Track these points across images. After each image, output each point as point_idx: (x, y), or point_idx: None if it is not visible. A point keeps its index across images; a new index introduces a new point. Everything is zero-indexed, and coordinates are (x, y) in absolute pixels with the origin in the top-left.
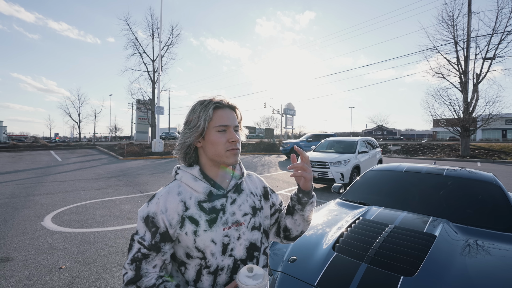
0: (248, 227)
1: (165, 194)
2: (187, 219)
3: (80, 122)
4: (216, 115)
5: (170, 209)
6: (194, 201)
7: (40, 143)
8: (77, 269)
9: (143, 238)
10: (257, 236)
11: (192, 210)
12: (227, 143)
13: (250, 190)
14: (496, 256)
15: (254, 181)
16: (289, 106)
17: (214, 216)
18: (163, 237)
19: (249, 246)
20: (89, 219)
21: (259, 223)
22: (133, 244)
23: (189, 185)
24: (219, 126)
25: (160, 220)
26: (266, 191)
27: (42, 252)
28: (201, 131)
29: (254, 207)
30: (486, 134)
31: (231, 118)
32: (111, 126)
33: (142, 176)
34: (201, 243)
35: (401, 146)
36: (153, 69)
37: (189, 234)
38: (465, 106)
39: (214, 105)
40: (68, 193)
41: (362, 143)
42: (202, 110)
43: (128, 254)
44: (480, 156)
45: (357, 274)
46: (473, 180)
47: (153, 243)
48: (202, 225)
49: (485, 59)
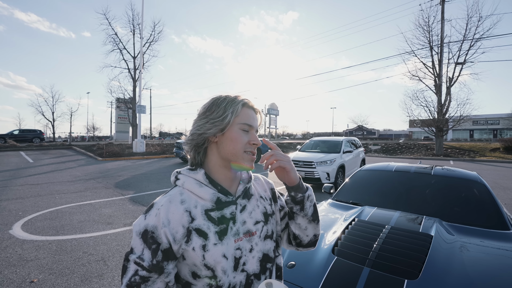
0: (261, 237)
1: (166, 203)
2: (194, 232)
3: (54, 121)
4: (244, 112)
5: (173, 221)
6: (200, 210)
7: (8, 143)
8: (51, 282)
9: (141, 257)
10: (270, 245)
11: (199, 221)
12: (247, 144)
13: (259, 194)
14: (491, 254)
15: (261, 183)
16: (272, 106)
17: (224, 227)
18: (165, 255)
19: (262, 258)
20: (65, 225)
21: (272, 231)
22: (128, 265)
23: (194, 192)
24: (244, 124)
25: (162, 235)
26: (274, 193)
27: (10, 264)
28: (226, 124)
29: (266, 213)
30: (456, 134)
31: (256, 121)
32: (89, 126)
33: (123, 177)
34: (211, 260)
35: (381, 146)
36: (134, 66)
37: (197, 250)
38: (439, 108)
39: (243, 102)
40: (41, 197)
41: (346, 143)
42: (230, 104)
43: (123, 278)
44: (452, 155)
45: (360, 278)
46: (460, 179)
47: (154, 262)
48: (211, 238)
49: (456, 64)
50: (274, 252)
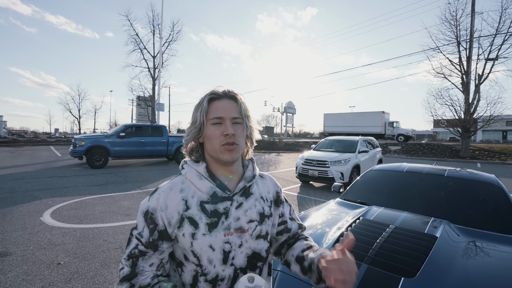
0: (253, 235)
1: (167, 190)
2: (187, 220)
3: (80, 117)
4: (211, 107)
5: (170, 207)
6: (196, 200)
7: (40, 138)
8: (75, 265)
9: (141, 234)
10: (262, 245)
11: (192, 211)
12: (221, 136)
13: (260, 194)
14: (498, 258)
15: (267, 183)
16: (289, 104)
17: (215, 220)
18: (161, 235)
19: (251, 255)
20: (88, 215)
21: (266, 231)
22: (132, 239)
23: (193, 183)
24: (213, 119)
25: (159, 218)
26: (278, 197)
27: (41, 247)
28: (199, 127)
29: (263, 213)
30: (486, 135)
31: (227, 109)
32: (111, 122)
33: (142, 172)
34: (198, 248)
35: (401, 146)
36: (153, 66)
37: (186, 236)
38: (466, 107)
39: (209, 97)
40: (67, 189)
41: (362, 142)
42: (198, 105)
43: (126, 248)
44: (480, 157)
45: None
46: (475, 181)
47: (150, 240)
48: (201, 228)
49: (487, 60)
50: (266, 252)
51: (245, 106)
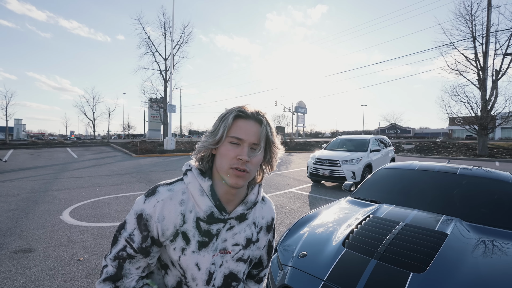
0: (234, 258)
1: (166, 199)
2: (181, 234)
3: (95, 120)
4: (235, 124)
5: (167, 218)
6: (193, 216)
7: (57, 141)
8: (94, 261)
9: (132, 238)
10: (240, 268)
11: (188, 226)
12: (234, 159)
13: (253, 219)
14: (510, 255)
15: (265, 208)
16: (300, 104)
17: (207, 240)
18: (153, 242)
19: (228, 274)
20: (105, 214)
21: (248, 256)
22: (119, 238)
23: (194, 197)
24: (232, 138)
25: (154, 227)
26: (271, 224)
27: (62, 244)
28: (218, 140)
29: (250, 239)
30: (506, 132)
31: (250, 133)
32: (124, 124)
33: (155, 173)
34: (185, 263)
35: (415, 145)
36: (165, 68)
37: (177, 250)
38: (483, 104)
39: (236, 113)
40: (84, 189)
41: (374, 141)
42: (223, 118)
43: (112, 248)
44: (499, 156)
45: (366, 269)
46: (489, 179)
47: (143, 246)
48: (192, 245)
49: (505, 55)
50: (243, 274)
51: (271, 131)
